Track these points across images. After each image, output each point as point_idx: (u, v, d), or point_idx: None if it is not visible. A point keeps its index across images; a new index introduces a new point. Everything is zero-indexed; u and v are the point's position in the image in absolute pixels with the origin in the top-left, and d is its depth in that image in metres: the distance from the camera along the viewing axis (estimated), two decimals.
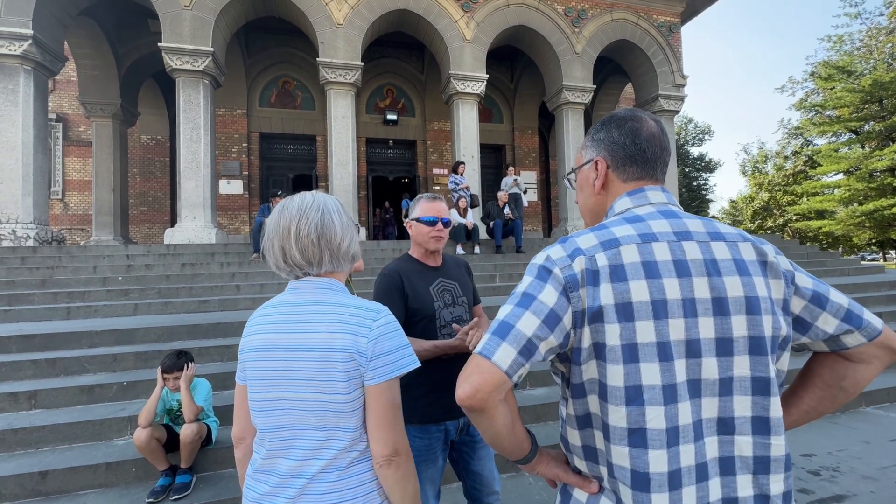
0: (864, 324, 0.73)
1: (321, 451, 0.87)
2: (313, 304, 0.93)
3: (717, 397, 0.67)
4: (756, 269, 0.70)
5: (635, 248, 0.69)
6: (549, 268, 0.71)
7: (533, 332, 0.67)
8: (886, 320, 5.38)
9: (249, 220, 11.14)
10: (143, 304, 4.77)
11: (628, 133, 0.80)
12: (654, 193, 0.79)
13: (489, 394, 0.66)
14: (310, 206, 0.95)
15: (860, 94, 19.00)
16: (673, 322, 0.66)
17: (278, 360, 0.90)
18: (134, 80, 10.52)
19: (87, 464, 2.49)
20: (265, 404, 0.91)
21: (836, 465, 2.79)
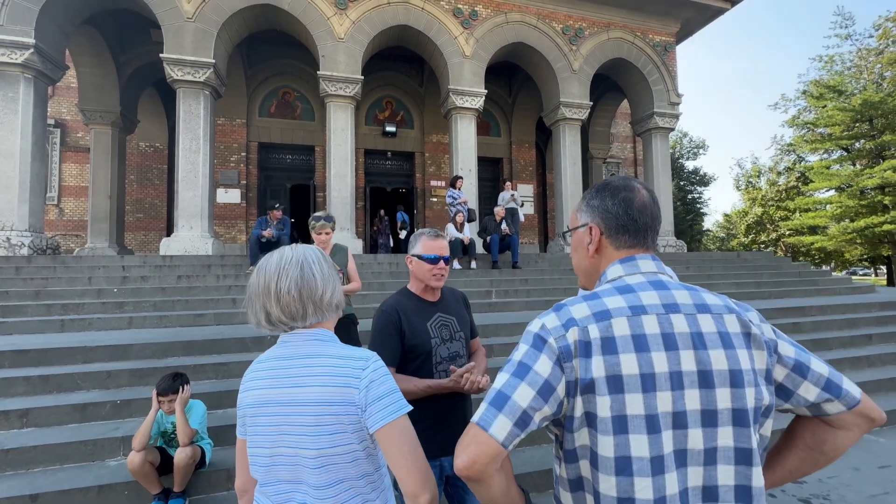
0: (843, 393, 0.76)
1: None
2: (304, 356, 0.94)
3: (702, 466, 0.70)
4: (740, 341, 0.74)
5: (626, 320, 0.72)
6: (544, 337, 0.74)
7: (528, 403, 0.70)
8: (877, 341, 5.46)
9: (246, 229, 11.14)
10: (139, 317, 4.76)
11: (621, 203, 0.84)
12: (644, 263, 0.82)
13: (486, 465, 0.69)
14: (288, 262, 0.96)
15: (851, 113, 19.38)
16: (661, 395, 0.69)
17: (273, 416, 0.91)
18: (134, 88, 10.56)
19: (78, 486, 2.47)
20: (264, 459, 0.93)
21: (827, 492, 2.82)
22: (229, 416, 3.18)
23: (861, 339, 5.40)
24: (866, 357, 4.92)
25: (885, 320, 6.09)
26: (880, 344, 5.44)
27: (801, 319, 5.74)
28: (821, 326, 5.63)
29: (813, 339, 5.21)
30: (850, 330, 5.66)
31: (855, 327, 5.77)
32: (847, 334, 5.43)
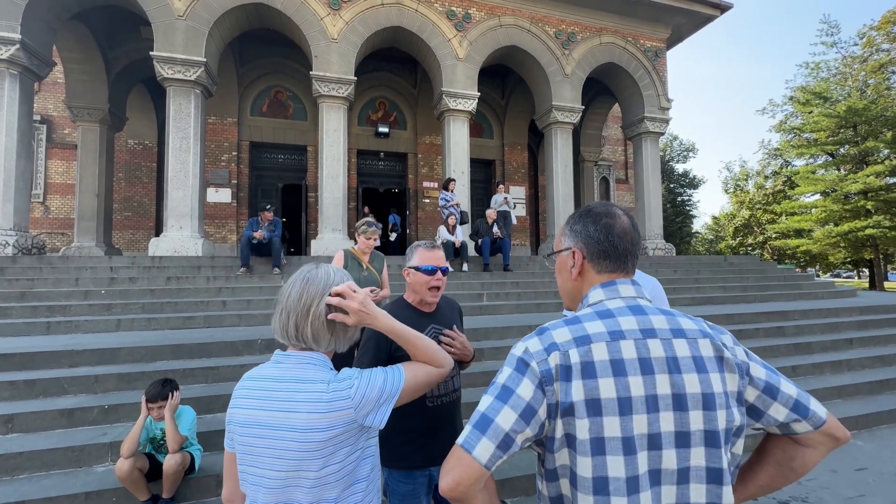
0: (811, 414, 0.81)
1: None
2: (294, 381, 0.95)
3: (675, 485, 0.73)
4: (713, 365, 0.78)
5: (605, 345, 0.76)
6: (527, 361, 0.77)
7: (511, 426, 0.73)
8: (857, 345, 5.60)
9: (237, 229, 11.05)
10: (126, 319, 4.71)
11: (602, 229, 0.88)
12: (624, 287, 0.86)
13: (469, 486, 0.73)
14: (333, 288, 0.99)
15: (836, 120, 19.79)
16: (637, 418, 0.72)
17: (260, 438, 0.92)
18: (123, 85, 10.41)
19: (65, 493, 2.45)
20: (254, 479, 0.94)
21: (805, 495, 2.90)
22: (219, 420, 3.17)
23: (842, 343, 5.54)
24: (847, 361, 5.05)
25: (866, 324, 6.25)
26: (860, 348, 5.58)
27: (784, 323, 5.87)
28: (803, 331, 5.76)
29: (795, 342, 5.34)
30: (832, 334, 5.80)
31: (836, 331, 5.91)
32: (828, 338, 5.56)
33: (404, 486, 1.54)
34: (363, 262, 3.08)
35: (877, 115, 18.98)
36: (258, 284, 6.07)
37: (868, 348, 5.60)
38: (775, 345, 5.21)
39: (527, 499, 2.84)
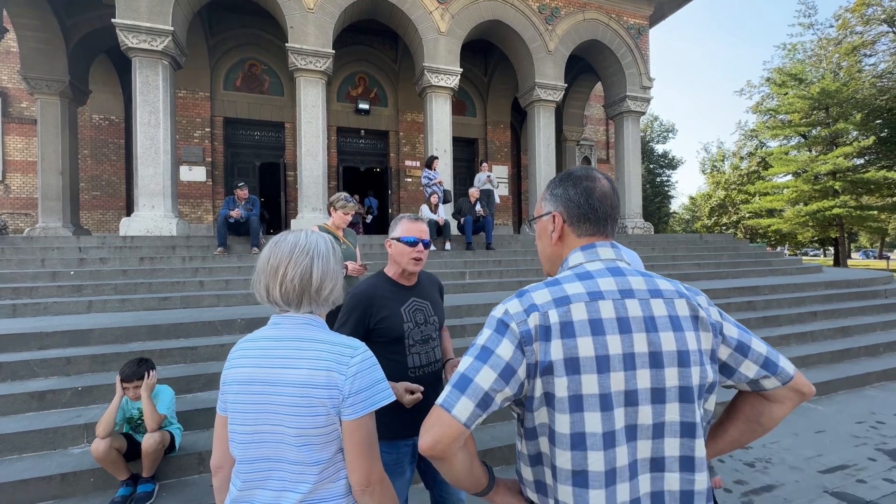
0: (779, 370, 0.84)
1: (298, 484, 0.92)
2: (293, 339, 0.96)
3: (650, 440, 0.75)
4: (688, 324, 0.79)
5: (584, 306, 0.76)
6: (506, 322, 0.77)
7: (490, 385, 0.73)
8: (821, 318, 5.89)
9: (213, 208, 10.73)
10: (98, 301, 4.56)
11: (583, 192, 0.87)
12: (604, 250, 0.86)
13: (449, 445, 0.73)
14: (301, 251, 0.99)
15: (809, 101, 20.24)
16: (614, 375, 0.73)
17: (258, 394, 0.93)
18: (84, 55, 9.78)
19: (40, 475, 2.40)
20: (245, 437, 0.94)
21: (769, 456, 3.08)
22: (199, 400, 3.14)
23: (807, 315, 5.81)
24: (811, 332, 5.31)
25: (830, 298, 6.56)
26: (824, 320, 5.87)
27: (754, 298, 6.10)
28: (772, 304, 6.01)
29: (764, 316, 5.57)
30: (798, 307, 6.07)
31: (802, 305, 6.19)
32: (795, 311, 5.83)
33: (388, 456, 1.56)
34: (339, 236, 3.03)
35: (848, 97, 19.49)
36: (237, 264, 5.94)
37: (831, 320, 5.89)
38: (746, 318, 5.42)
39: (508, 468, 2.92)
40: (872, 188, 19.57)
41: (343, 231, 3.12)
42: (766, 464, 2.97)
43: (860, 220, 19.93)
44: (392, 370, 1.55)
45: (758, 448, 3.20)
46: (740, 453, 3.12)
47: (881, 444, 3.24)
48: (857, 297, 6.81)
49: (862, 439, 3.31)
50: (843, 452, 3.11)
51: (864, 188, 19.60)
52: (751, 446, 3.23)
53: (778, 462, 2.99)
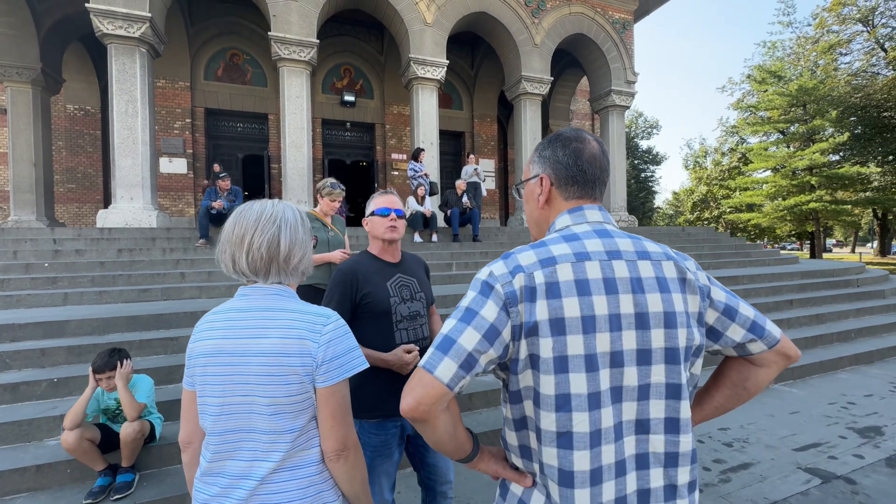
0: (766, 334, 0.84)
1: (270, 454, 0.91)
2: (262, 309, 0.95)
3: (635, 402, 0.75)
4: (676, 286, 0.79)
5: (570, 266, 0.75)
6: (491, 284, 0.76)
7: (473, 346, 0.72)
8: (796, 306, 6.07)
9: (195, 201, 10.50)
10: (75, 293, 4.42)
11: (572, 154, 0.86)
12: (591, 212, 0.86)
13: (430, 406, 0.72)
14: (267, 219, 0.96)
15: (788, 98, 20.73)
16: (600, 336, 0.73)
17: (227, 366, 0.91)
18: (56, 42, 9.42)
19: (13, 467, 2.33)
20: (214, 409, 0.92)
21: (746, 436, 3.17)
22: (180, 390, 3.07)
23: (784, 303, 5.98)
24: (787, 319, 5.47)
25: (805, 287, 6.76)
26: (799, 308, 6.05)
27: (734, 287, 6.25)
28: (750, 293, 6.17)
29: None
30: (775, 296, 6.24)
31: (779, 294, 6.36)
32: (772, 300, 6.00)
33: (376, 438, 1.55)
34: (326, 223, 2.99)
35: (824, 94, 20.04)
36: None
37: (806, 308, 6.08)
38: None
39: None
40: (847, 183, 20.20)
41: (331, 218, 3.07)
42: (743, 443, 3.06)
43: (835, 215, 20.58)
44: (380, 346, 1.55)
45: (735, 429, 3.29)
46: (719, 434, 3.21)
47: (851, 423, 3.36)
48: (831, 286, 7.04)
49: (834, 419, 3.44)
50: (816, 432, 3.22)
51: (838, 183, 20.20)
52: (728, 427, 3.32)
53: (755, 441, 3.08)
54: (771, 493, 2.45)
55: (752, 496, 2.42)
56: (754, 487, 2.51)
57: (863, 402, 3.76)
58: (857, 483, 2.53)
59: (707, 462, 2.81)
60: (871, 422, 3.37)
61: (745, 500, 2.39)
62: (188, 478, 1.03)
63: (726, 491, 2.48)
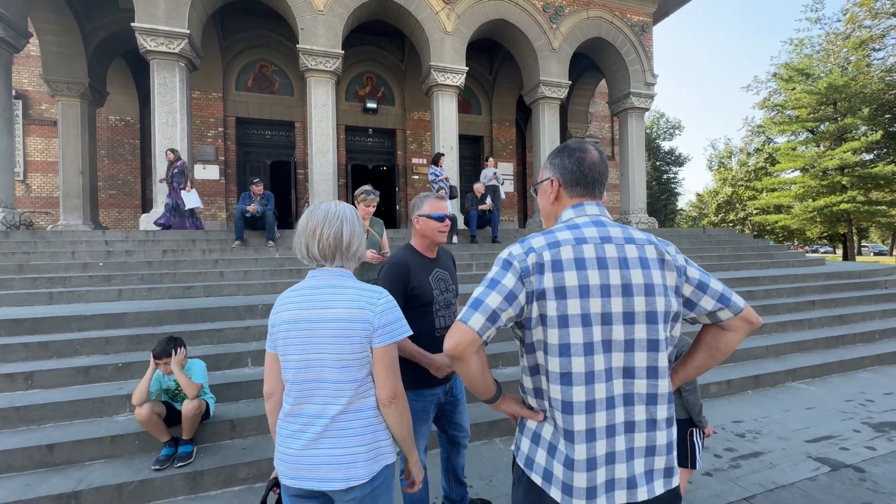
0: (731, 303, 1.05)
1: (338, 398, 1.17)
2: (330, 287, 1.22)
3: (622, 353, 0.97)
4: (655, 264, 1.01)
5: (571, 248, 0.99)
6: (510, 261, 1.01)
7: (497, 305, 0.97)
8: (819, 307, 6.04)
9: (227, 205, 11.05)
10: (128, 289, 4.84)
11: (576, 162, 1.09)
12: (590, 207, 1.09)
13: (466, 347, 0.97)
14: (333, 215, 1.24)
15: (817, 96, 20.16)
16: (593, 300, 0.96)
17: (305, 329, 1.18)
18: (102, 58, 10.13)
19: (92, 437, 2.67)
20: (295, 363, 1.19)
21: (759, 429, 3.27)
22: (227, 376, 3.39)
23: (805, 304, 5.96)
24: (808, 320, 5.47)
25: (829, 288, 6.70)
26: (822, 309, 6.02)
27: (754, 288, 6.26)
28: (771, 294, 6.17)
29: (763, 304, 5.73)
30: (797, 297, 6.22)
31: (801, 294, 6.33)
32: (793, 300, 5.99)
33: (416, 404, 1.83)
34: (363, 225, 3.29)
35: (856, 92, 19.41)
36: (254, 256, 6.21)
37: (829, 309, 6.04)
38: None
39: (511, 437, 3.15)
40: (881, 183, 19.46)
41: (369, 221, 3.40)
42: (755, 434, 3.17)
43: (869, 216, 19.84)
44: (423, 330, 1.82)
45: (749, 422, 3.39)
46: (732, 426, 3.32)
47: (867, 418, 3.42)
48: (857, 287, 6.94)
49: (850, 414, 3.50)
50: (830, 425, 3.30)
51: (872, 183, 19.49)
52: (743, 420, 3.42)
53: (767, 433, 3.19)
54: (779, 478, 2.57)
55: (760, 480, 2.55)
56: (763, 473, 2.63)
57: (881, 400, 3.79)
58: (866, 471, 2.62)
59: (719, 450, 2.94)
60: (887, 418, 3.42)
61: (753, 483, 2.52)
62: (271, 421, 1.29)
63: (735, 476, 2.62)
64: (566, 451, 0.96)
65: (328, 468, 1.15)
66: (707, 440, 3.07)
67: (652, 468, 0.97)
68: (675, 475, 1.00)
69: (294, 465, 1.17)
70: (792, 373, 4.35)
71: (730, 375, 4.12)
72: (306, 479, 1.16)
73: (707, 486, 2.51)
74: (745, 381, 4.11)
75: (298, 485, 1.17)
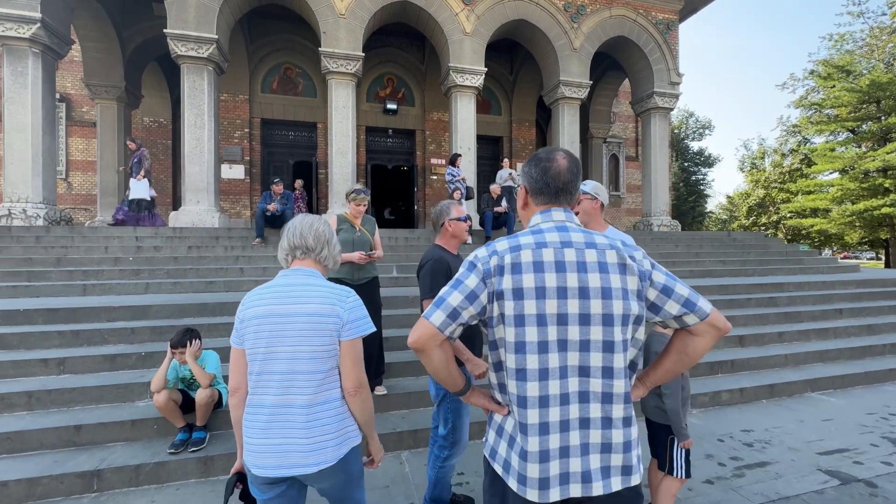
0: (697, 308, 1.06)
1: (305, 389, 1.28)
2: (304, 285, 1.34)
3: (578, 352, 1.00)
4: (615, 269, 1.04)
5: (531, 251, 1.03)
6: (475, 263, 1.06)
7: (458, 303, 1.03)
8: (847, 315, 5.78)
9: (251, 204, 11.42)
10: (154, 283, 5.11)
11: (541, 171, 1.13)
12: (557, 213, 1.12)
13: (427, 341, 1.04)
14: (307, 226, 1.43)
15: (858, 94, 19.15)
16: (549, 301, 1.00)
17: (278, 323, 1.28)
18: (138, 62, 10.67)
19: (115, 420, 2.86)
20: (263, 355, 1.28)
21: (769, 439, 3.19)
22: None
23: (832, 312, 5.72)
24: (834, 329, 5.25)
25: (860, 296, 6.40)
26: (850, 318, 5.75)
27: (777, 294, 6.05)
28: (795, 301, 5.94)
29: (786, 312, 5.54)
30: (823, 305, 5.97)
31: (828, 302, 6.07)
32: (819, 308, 5.75)
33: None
34: (355, 224, 3.40)
35: None
36: (272, 254, 6.43)
37: (858, 318, 5.77)
38: (765, 313, 5.42)
39: None
40: None
41: (362, 219, 3.48)
42: (764, 444, 3.09)
43: None
44: None
45: (759, 431, 3.31)
46: (741, 435, 3.25)
47: (889, 432, 3.28)
48: (891, 296, 6.60)
49: (869, 428, 3.36)
50: (846, 438, 3.18)
51: None
52: (753, 429, 3.34)
53: (777, 444, 3.10)
54: (784, 489, 2.51)
55: (763, 490, 2.50)
56: (767, 483, 2.57)
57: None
58: (879, 487, 2.53)
59: (723, 458, 2.89)
60: None
61: (755, 493, 2.47)
62: (235, 416, 1.37)
63: (738, 484, 2.57)
64: (521, 443, 1.00)
65: (299, 455, 1.25)
66: (712, 448, 3.03)
67: (608, 465, 1.00)
68: (636, 474, 1.02)
69: (264, 455, 1.25)
70: (811, 383, 4.19)
71: (743, 383, 4.02)
72: (279, 468, 1.25)
73: (706, 493, 2.48)
74: (760, 389, 3.99)
75: (271, 473, 1.25)
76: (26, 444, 2.71)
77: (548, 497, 0.97)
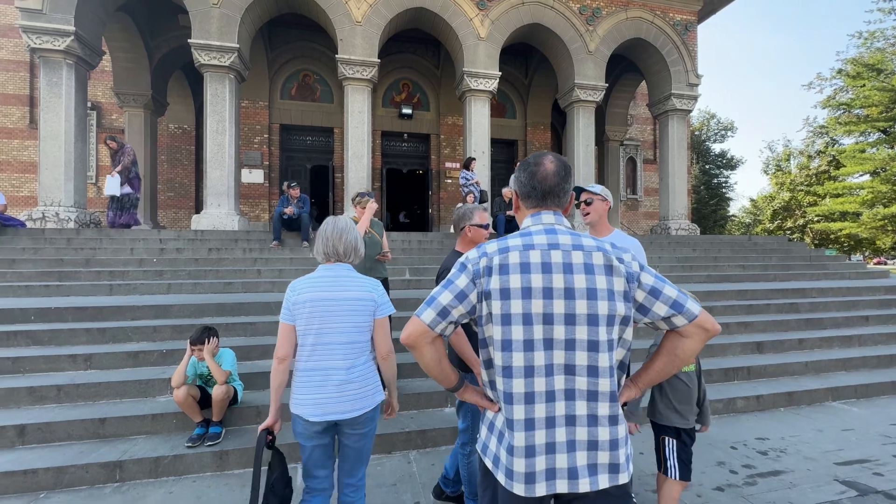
0: (685, 310, 1.07)
1: (350, 354, 1.71)
2: (344, 276, 1.79)
3: (563, 351, 1.03)
4: (601, 270, 1.06)
5: (518, 253, 1.07)
6: (466, 264, 1.11)
7: (448, 302, 1.07)
8: (874, 322, 5.58)
9: (269, 208, 11.70)
10: (176, 283, 5.30)
11: (528, 176, 1.17)
12: (546, 216, 1.15)
13: (417, 338, 1.09)
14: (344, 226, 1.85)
15: (890, 94, 18.45)
16: (535, 301, 1.03)
17: (329, 305, 1.70)
18: (164, 71, 11.09)
19: (137, 414, 2.99)
20: (320, 330, 1.68)
21: (785, 447, 3.11)
22: (256, 366, 3.67)
23: (857, 319, 5.52)
24: (858, 336, 5.08)
25: (889, 303, 6.16)
26: (876, 325, 5.55)
27: (799, 300, 5.88)
28: (818, 307, 5.76)
29: (807, 318, 5.38)
30: (848, 311, 5.78)
31: (854, 309, 5.87)
32: (843, 315, 5.56)
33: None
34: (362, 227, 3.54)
35: None
36: (289, 256, 6.59)
37: (885, 325, 5.57)
38: (785, 319, 5.27)
39: None
40: None
41: (370, 222, 3.61)
42: (780, 453, 3.02)
43: None
44: None
45: (775, 440, 3.23)
46: (755, 443, 3.18)
47: None
48: None
49: (892, 439, 3.24)
50: (867, 449, 3.08)
51: None
52: (768, 437, 3.27)
53: (793, 452, 3.03)
54: (797, 499, 2.45)
55: (775, 500, 2.45)
56: (780, 492, 2.52)
57: None
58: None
59: (735, 466, 2.84)
60: None
61: (767, 502, 2.42)
62: (280, 380, 1.72)
63: (749, 493, 2.52)
64: (509, 438, 1.04)
65: (350, 403, 1.68)
66: (724, 455, 2.98)
67: (595, 462, 1.02)
68: (623, 472, 1.04)
69: (324, 405, 1.65)
70: (833, 391, 4.06)
71: (760, 391, 3.93)
72: (334, 414, 1.66)
73: (716, 499, 2.45)
74: (777, 397, 3.89)
75: (325, 418, 1.65)
76: (55, 434, 2.86)
77: (533, 491, 1.00)
